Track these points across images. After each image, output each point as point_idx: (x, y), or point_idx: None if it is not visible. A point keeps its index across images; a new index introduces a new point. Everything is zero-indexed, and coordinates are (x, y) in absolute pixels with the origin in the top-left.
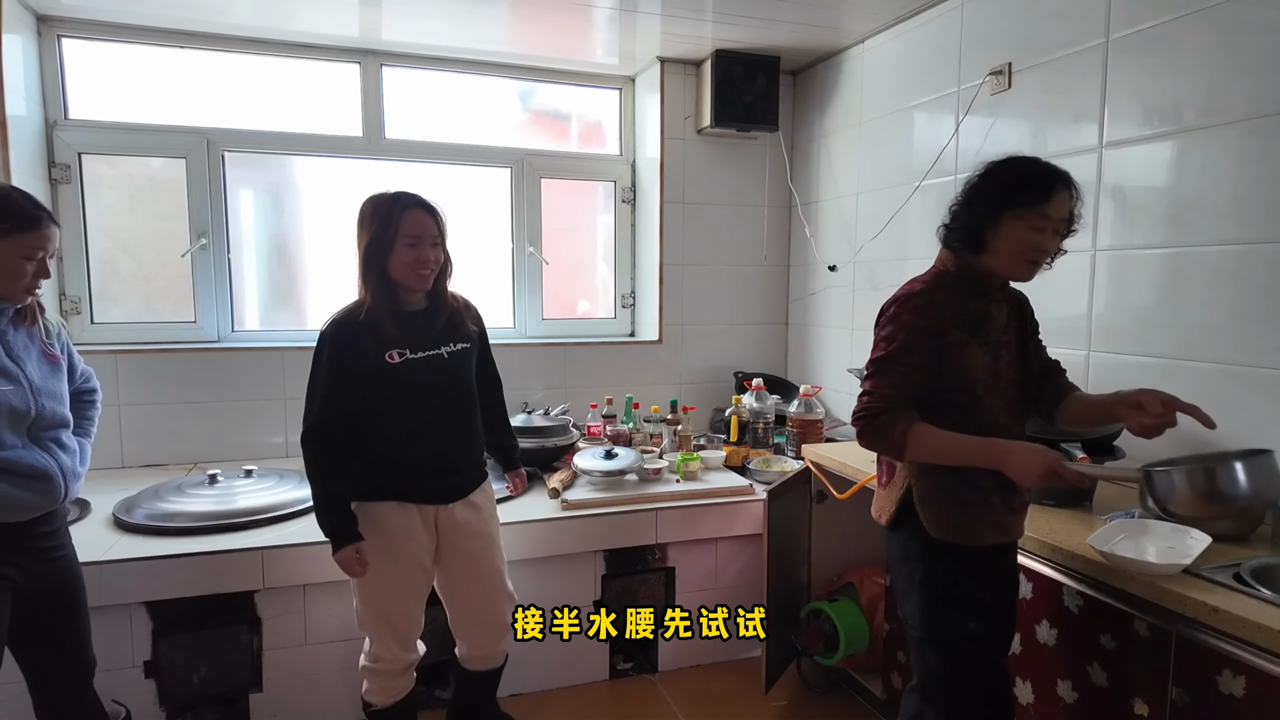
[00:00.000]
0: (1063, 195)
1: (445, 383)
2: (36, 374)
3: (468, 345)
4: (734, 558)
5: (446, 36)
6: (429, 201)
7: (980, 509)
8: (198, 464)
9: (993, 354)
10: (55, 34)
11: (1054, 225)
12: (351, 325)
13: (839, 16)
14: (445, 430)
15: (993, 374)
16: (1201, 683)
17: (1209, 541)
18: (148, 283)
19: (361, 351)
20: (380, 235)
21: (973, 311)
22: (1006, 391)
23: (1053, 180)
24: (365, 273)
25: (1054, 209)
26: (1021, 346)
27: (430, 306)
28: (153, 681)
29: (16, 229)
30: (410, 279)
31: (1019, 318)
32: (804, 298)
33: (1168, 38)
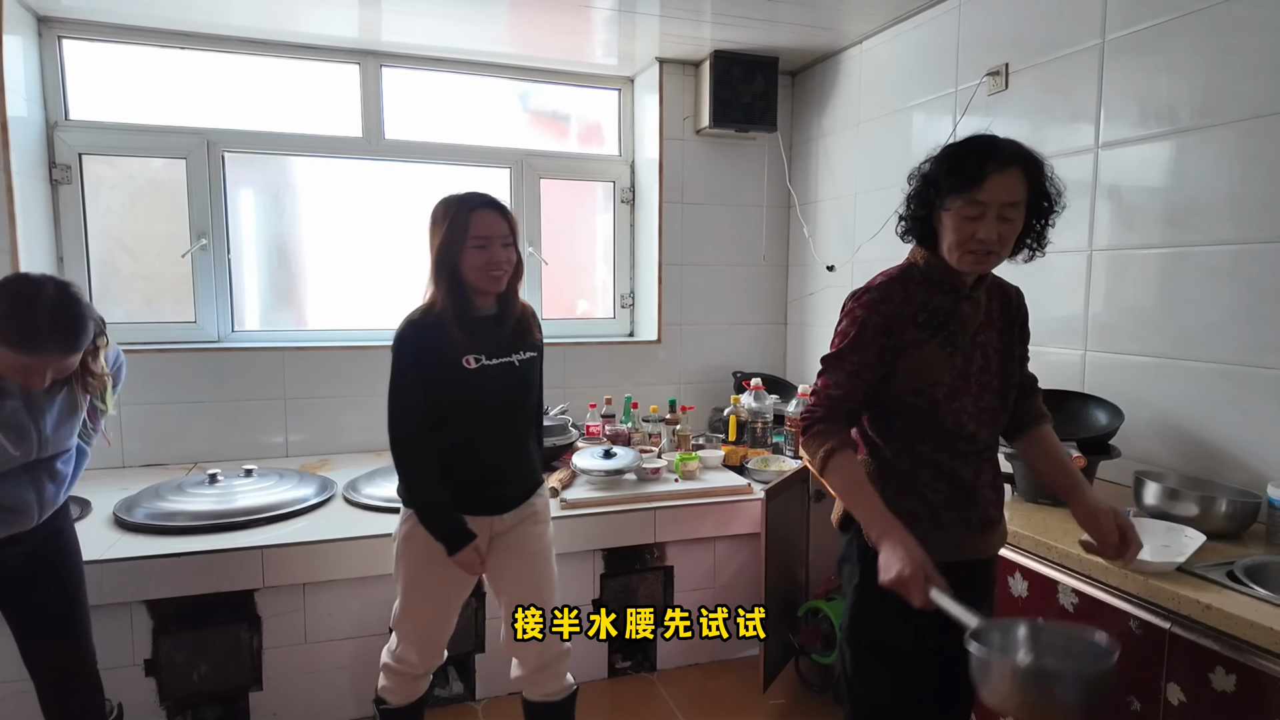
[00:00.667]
0: (999, 178)
1: (514, 392)
2: (52, 423)
3: (535, 354)
4: (732, 557)
5: (446, 37)
6: (499, 201)
7: (927, 524)
8: (198, 463)
9: (961, 355)
10: (56, 35)
11: (996, 211)
12: (429, 325)
13: (837, 17)
14: (503, 440)
15: (959, 377)
16: (1195, 680)
17: (1203, 540)
18: (148, 283)
19: (441, 353)
20: (450, 238)
21: (937, 309)
22: (978, 397)
23: (984, 161)
24: (437, 275)
25: (989, 193)
26: (1006, 350)
27: (500, 312)
28: (153, 680)
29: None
30: (482, 281)
31: (1005, 320)
32: (802, 297)
33: (1164, 38)
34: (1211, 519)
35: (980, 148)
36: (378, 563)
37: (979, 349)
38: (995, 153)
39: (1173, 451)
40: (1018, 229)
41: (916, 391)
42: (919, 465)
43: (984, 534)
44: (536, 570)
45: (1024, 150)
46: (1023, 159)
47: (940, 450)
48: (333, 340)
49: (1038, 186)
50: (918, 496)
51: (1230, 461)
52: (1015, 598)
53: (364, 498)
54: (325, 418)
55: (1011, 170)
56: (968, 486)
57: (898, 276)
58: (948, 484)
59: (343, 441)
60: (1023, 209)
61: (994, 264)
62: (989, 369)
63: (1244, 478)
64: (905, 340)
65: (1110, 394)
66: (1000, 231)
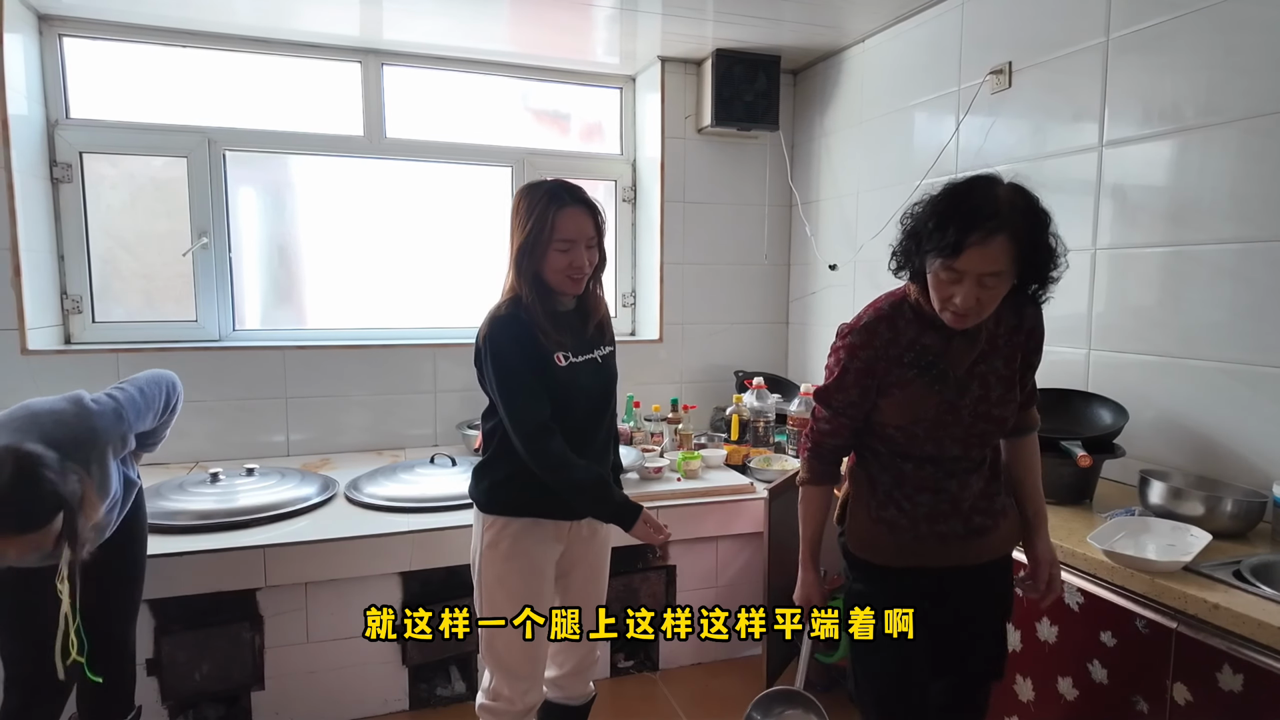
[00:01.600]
0: (978, 250)
1: (600, 390)
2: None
3: (612, 349)
4: (734, 556)
5: (447, 36)
6: (589, 197)
7: (906, 535)
8: (199, 462)
9: (952, 389)
10: (56, 33)
11: (974, 278)
12: (519, 321)
13: (840, 16)
14: (590, 440)
15: (948, 410)
16: (1201, 679)
17: (1209, 539)
18: (149, 282)
19: (537, 348)
20: (534, 238)
21: (927, 347)
22: (971, 425)
23: (966, 230)
24: (518, 274)
25: (966, 263)
26: (1010, 378)
27: (580, 308)
28: (155, 679)
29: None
30: (563, 285)
31: (1013, 344)
32: (804, 297)
33: (1168, 37)
34: (1217, 518)
35: (966, 211)
36: (380, 562)
37: (976, 380)
38: (979, 221)
39: (1177, 451)
40: (1001, 293)
41: (898, 426)
42: (901, 479)
43: (971, 542)
44: (598, 584)
45: (1016, 214)
46: (1011, 226)
47: (924, 467)
48: (334, 339)
49: (1030, 248)
50: (898, 508)
51: (1235, 460)
52: (1019, 597)
53: (366, 497)
54: (326, 417)
55: (995, 240)
56: (952, 499)
57: (887, 312)
58: (931, 497)
59: (344, 441)
60: (1007, 274)
61: (974, 322)
62: (988, 398)
63: (1249, 477)
64: (889, 381)
65: (1114, 393)
66: (980, 296)
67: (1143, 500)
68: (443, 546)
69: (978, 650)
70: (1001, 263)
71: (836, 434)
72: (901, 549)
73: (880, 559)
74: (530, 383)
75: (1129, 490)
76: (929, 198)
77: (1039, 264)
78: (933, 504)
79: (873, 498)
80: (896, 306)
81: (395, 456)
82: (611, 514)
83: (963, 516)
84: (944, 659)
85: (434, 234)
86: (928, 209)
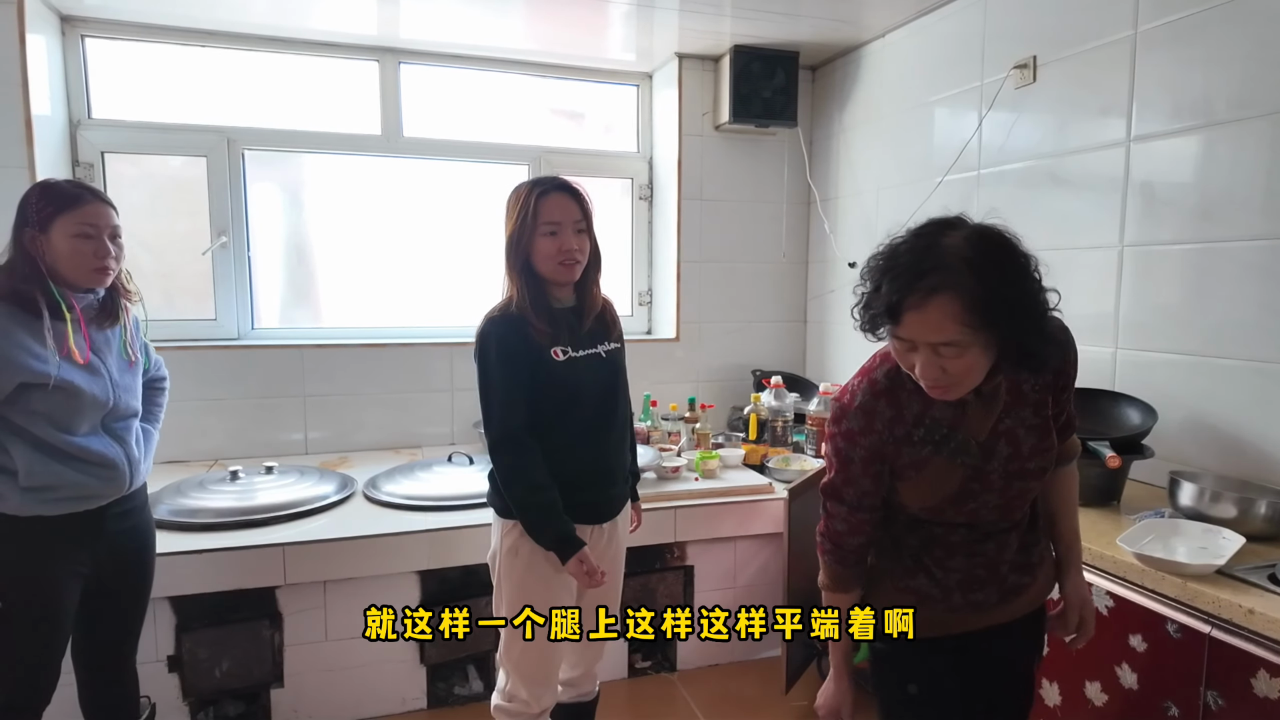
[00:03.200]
0: (916, 317)
1: (607, 384)
2: (115, 368)
3: (619, 345)
4: (753, 556)
5: (464, 34)
6: (571, 183)
7: (939, 607)
8: (219, 460)
9: (976, 457)
10: (79, 34)
11: (928, 348)
12: (511, 320)
13: (859, 11)
14: (605, 437)
15: (974, 478)
16: (1236, 685)
17: (1242, 542)
18: (169, 280)
19: (529, 347)
20: (520, 227)
21: (938, 419)
22: (1004, 489)
23: (901, 292)
24: (511, 267)
25: (908, 330)
26: (1043, 426)
27: (579, 304)
28: (176, 675)
29: (59, 211)
30: (556, 272)
31: (1042, 387)
32: (823, 295)
33: (1198, 29)
34: (1250, 520)
35: (900, 269)
36: (398, 560)
37: (1003, 438)
38: (912, 280)
39: (1207, 451)
40: (969, 362)
41: (922, 507)
42: (931, 543)
43: (1009, 603)
44: (613, 587)
45: (961, 267)
46: (954, 284)
47: (956, 531)
48: (351, 338)
49: (989, 307)
50: (928, 575)
51: (1267, 461)
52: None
53: (384, 495)
54: (344, 415)
55: (936, 303)
56: (988, 562)
57: (885, 386)
58: (965, 560)
59: (362, 439)
60: (968, 341)
61: (959, 394)
62: (1019, 454)
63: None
64: (902, 463)
65: (1142, 392)
66: (946, 366)
67: (1172, 502)
68: (461, 545)
69: (1007, 693)
70: (949, 330)
71: (857, 531)
72: (932, 621)
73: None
74: (507, 391)
75: (1158, 492)
76: (875, 251)
77: (1011, 324)
78: (967, 569)
79: (897, 564)
80: (894, 377)
81: (413, 455)
82: (550, 542)
83: (999, 580)
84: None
85: (451, 233)
86: (871, 264)
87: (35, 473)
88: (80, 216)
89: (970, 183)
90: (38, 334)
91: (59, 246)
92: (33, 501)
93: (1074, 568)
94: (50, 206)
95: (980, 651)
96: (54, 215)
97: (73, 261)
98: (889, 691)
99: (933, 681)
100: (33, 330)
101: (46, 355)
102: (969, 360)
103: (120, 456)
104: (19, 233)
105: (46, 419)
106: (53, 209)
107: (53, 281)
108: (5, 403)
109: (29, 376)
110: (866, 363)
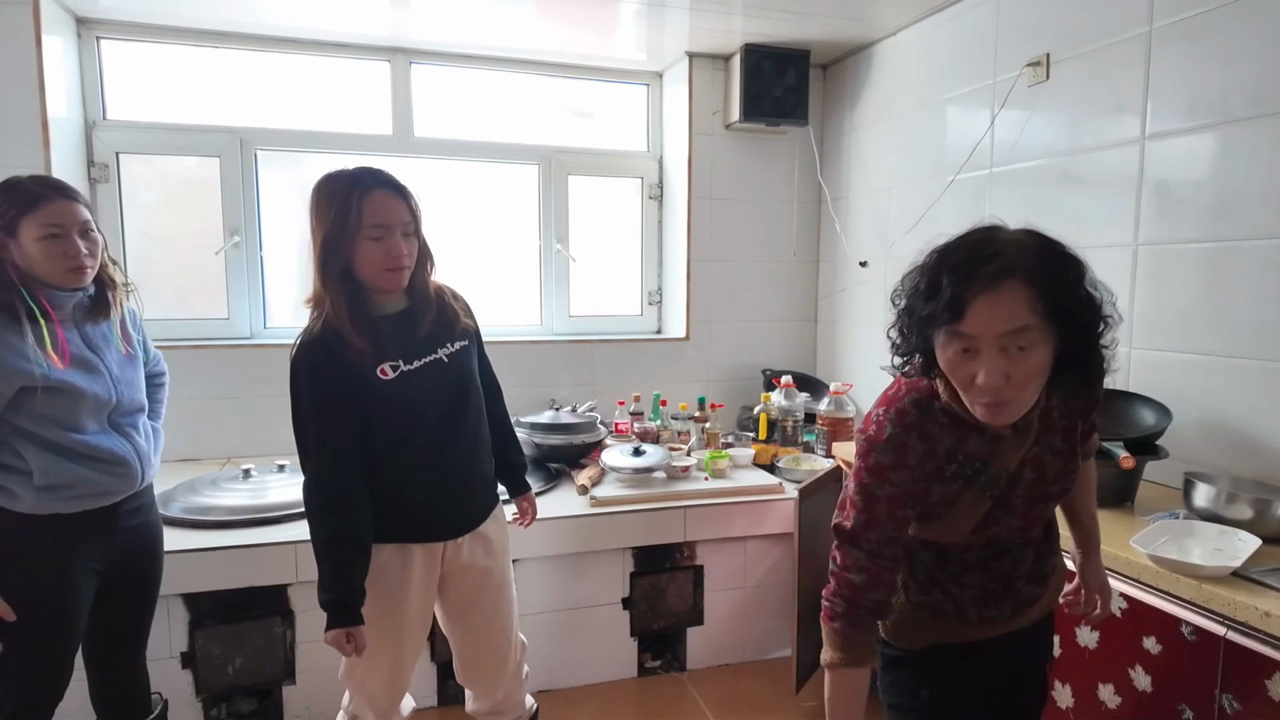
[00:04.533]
0: (986, 301)
1: (450, 392)
2: (115, 363)
3: (466, 343)
4: (763, 556)
5: (475, 34)
6: (397, 180)
7: (954, 622)
8: (231, 459)
9: (1003, 488)
10: (94, 36)
11: (993, 345)
12: (326, 343)
13: (871, 9)
14: (452, 448)
15: (999, 505)
16: (1251, 688)
17: (1259, 544)
18: (182, 280)
19: (347, 370)
20: (339, 229)
21: (972, 453)
22: (1025, 513)
23: (964, 280)
24: (323, 276)
25: (974, 323)
26: (1070, 450)
27: (410, 305)
28: (189, 672)
29: (23, 214)
30: (383, 281)
31: (1072, 412)
32: (834, 294)
33: (1215, 25)
34: (1267, 522)
35: (961, 259)
36: None
37: (1029, 465)
38: (979, 265)
39: (1222, 452)
40: (1037, 363)
41: (946, 541)
42: (945, 559)
43: (1020, 614)
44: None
45: (1028, 253)
46: (1024, 266)
47: (970, 550)
48: None
49: (1058, 295)
50: (943, 591)
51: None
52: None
53: None
54: None
55: (1006, 286)
56: (1003, 577)
57: (915, 419)
58: (979, 576)
59: None
60: (1038, 332)
61: (1013, 415)
62: (1043, 479)
63: None
64: (932, 502)
65: (1157, 392)
66: (1009, 372)
67: (1187, 503)
68: None
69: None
70: (1022, 315)
71: (875, 585)
72: (949, 636)
73: (918, 644)
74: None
75: (1172, 493)
76: (915, 264)
77: (1077, 321)
78: (982, 584)
79: (912, 579)
80: (924, 408)
81: None
82: (322, 602)
83: (1013, 594)
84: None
85: (461, 232)
86: (916, 271)
87: (49, 472)
88: (43, 217)
89: (983, 181)
90: (24, 338)
91: (29, 250)
92: (49, 500)
93: (1093, 551)
94: (13, 209)
95: (992, 656)
96: (18, 218)
97: (47, 264)
98: (899, 696)
99: (944, 687)
100: (20, 335)
101: (39, 359)
102: (1034, 363)
103: (130, 452)
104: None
105: (52, 420)
106: (15, 211)
107: (34, 284)
108: (9, 407)
109: (28, 380)
110: (888, 390)
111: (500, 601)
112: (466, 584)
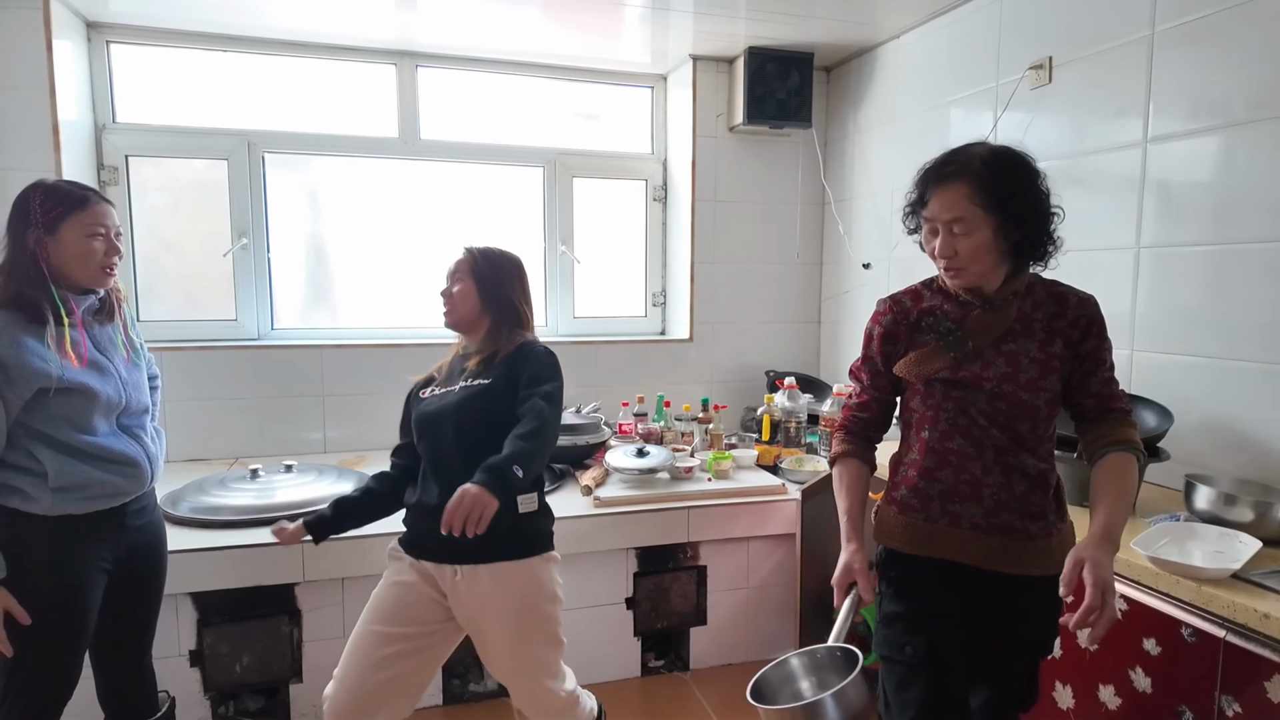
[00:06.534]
0: (937, 193)
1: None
2: (122, 366)
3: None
4: (766, 557)
5: (480, 37)
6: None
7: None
8: (239, 459)
9: (969, 360)
10: (104, 40)
11: (945, 227)
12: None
13: (874, 12)
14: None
15: (971, 381)
16: (1250, 690)
17: (1259, 546)
18: (191, 281)
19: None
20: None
21: (945, 314)
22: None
23: (927, 179)
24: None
25: (932, 209)
26: (1046, 363)
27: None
28: (197, 670)
29: (69, 212)
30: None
31: (1050, 330)
32: (837, 296)
33: (1217, 29)
34: (1267, 524)
35: (933, 166)
36: None
37: (1003, 356)
38: (939, 168)
39: (1223, 454)
40: (977, 242)
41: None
42: (928, 450)
43: (992, 540)
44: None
45: (976, 161)
46: (970, 172)
47: (951, 438)
48: (369, 338)
49: (996, 194)
50: (910, 486)
51: None
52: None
53: None
54: (362, 414)
55: (952, 185)
56: (972, 482)
57: (916, 287)
58: (951, 474)
59: (379, 438)
60: (976, 222)
61: (969, 279)
62: (1015, 378)
63: None
64: (907, 345)
65: (1158, 395)
66: (955, 246)
67: (1188, 505)
68: None
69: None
70: (961, 208)
71: (865, 408)
72: (914, 532)
73: (895, 543)
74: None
75: (1173, 495)
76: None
77: (1015, 214)
78: (952, 482)
79: (893, 475)
80: (927, 283)
81: None
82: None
83: (983, 504)
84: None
85: (467, 234)
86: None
87: (65, 473)
88: (90, 217)
89: None
90: (44, 339)
91: (71, 248)
92: (63, 501)
93: (1098, 535)
94: (59, 207)
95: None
96: (63, 216)
97: (84, 263)
98: (888, 650)
99: (928, 643)
100: (39, 336)
101: (54, 360)
102: (976, 240)
103: (140, 453)
104: (20, 235)
105: (66, 421)
106: (62, 209)
107: (55, 284)
108: (25, 409)
109: (46, 382)
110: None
111: (507, 664)
112: (468, 624)
